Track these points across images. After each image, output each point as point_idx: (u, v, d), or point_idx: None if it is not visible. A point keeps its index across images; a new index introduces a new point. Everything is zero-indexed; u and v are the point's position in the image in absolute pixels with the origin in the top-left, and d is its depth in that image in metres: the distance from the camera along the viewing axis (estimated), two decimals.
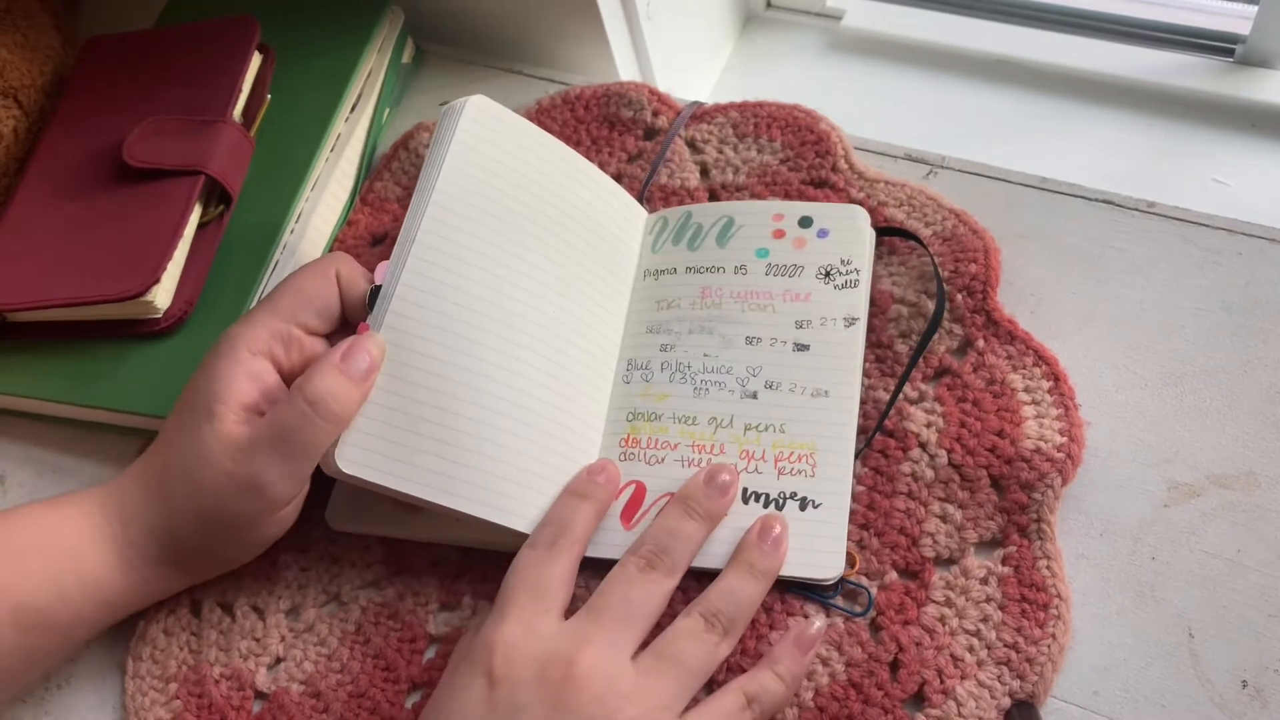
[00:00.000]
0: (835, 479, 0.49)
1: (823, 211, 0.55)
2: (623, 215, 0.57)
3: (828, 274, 0.53)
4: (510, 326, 0.50)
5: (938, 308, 0.53)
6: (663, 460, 0.51)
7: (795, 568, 0.48)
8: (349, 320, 0.51)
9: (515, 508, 0.49)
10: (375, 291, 0.49)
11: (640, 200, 0.59)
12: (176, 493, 0.48)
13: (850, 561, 0.49)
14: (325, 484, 0.55)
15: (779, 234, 0.55)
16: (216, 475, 0.47)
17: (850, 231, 0.54)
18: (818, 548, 0.48)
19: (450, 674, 0.45)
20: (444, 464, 0.48)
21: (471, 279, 0.50)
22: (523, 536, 0.48)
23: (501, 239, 0.52)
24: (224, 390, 0.47)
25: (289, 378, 0.49)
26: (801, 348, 0.52)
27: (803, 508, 0.49)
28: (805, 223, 0.55)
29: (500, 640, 0.44)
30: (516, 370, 0.50)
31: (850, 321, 0.52)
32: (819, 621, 0.47)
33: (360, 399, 0.46)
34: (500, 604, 0.45)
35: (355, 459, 0.46)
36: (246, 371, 0.48)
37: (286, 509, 0.48)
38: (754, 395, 0.52)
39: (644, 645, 0.45)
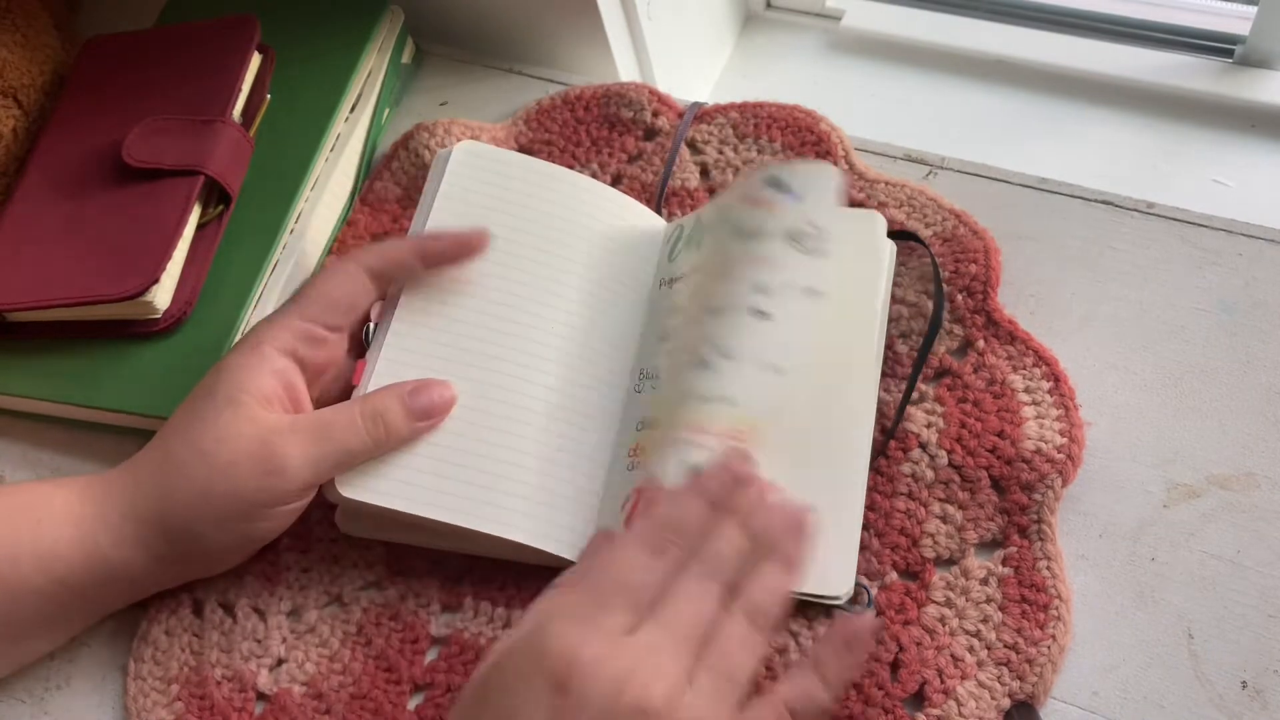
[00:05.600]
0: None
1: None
2: (635, 228, 0.57)
3: None
4: (516, 349, 0.51)
5: (935, 313, 0.52)
6: None
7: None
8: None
9: (518, 521, 0.49)
10: (371, 329, 0.51)
11: (657, 209, 0.59)
12: (180, 476, 0.48)
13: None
14: None
15: None
16: (235, 454, 0.47)
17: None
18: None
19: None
20: (440, 480, 0.49)
21: (469, 308, 0.52)
22: (523, 549, 0.49)
23: (501, 268, 0.53)
24: (248, 381, 0.48)
25: (312, 376, 0.51)
26: None
27: None
28: None
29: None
30: (522, 390, 0.51)
31: None
32: (869, 615, 0.45)
33: (410, 434, 0.48)
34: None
35: (354, 481, 0.48)
36: (271, 367, 0.49)
37: (286, 508, 0.48)
38: None
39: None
